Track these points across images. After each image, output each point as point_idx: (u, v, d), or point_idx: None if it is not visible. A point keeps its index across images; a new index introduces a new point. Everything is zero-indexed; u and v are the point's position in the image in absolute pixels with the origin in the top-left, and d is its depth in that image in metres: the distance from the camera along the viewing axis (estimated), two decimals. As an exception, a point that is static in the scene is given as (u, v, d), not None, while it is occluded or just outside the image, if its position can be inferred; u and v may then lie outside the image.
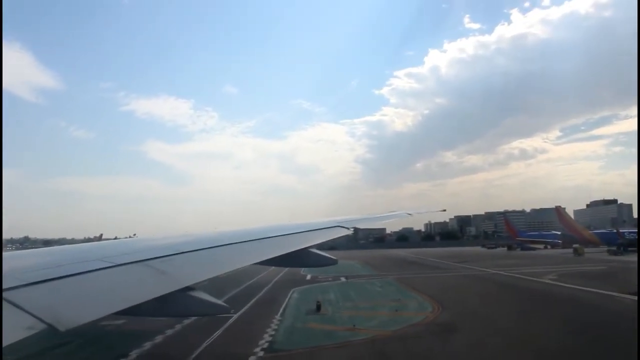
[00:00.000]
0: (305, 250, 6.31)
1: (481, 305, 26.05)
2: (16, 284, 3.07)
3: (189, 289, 4.05)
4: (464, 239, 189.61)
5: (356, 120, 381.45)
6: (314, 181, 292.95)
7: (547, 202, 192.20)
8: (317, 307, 24.65)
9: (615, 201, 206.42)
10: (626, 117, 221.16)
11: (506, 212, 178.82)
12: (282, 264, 6.20)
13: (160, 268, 4.14)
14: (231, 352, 16.53)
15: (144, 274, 4.00)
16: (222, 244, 5.48)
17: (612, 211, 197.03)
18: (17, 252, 6.90)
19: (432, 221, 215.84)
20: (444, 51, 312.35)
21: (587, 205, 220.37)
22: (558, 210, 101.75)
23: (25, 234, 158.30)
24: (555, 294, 29.93)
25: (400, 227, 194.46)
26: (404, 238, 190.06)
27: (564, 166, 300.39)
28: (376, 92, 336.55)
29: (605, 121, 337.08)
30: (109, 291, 3.63)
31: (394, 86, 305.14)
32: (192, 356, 15.47)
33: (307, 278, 41.20)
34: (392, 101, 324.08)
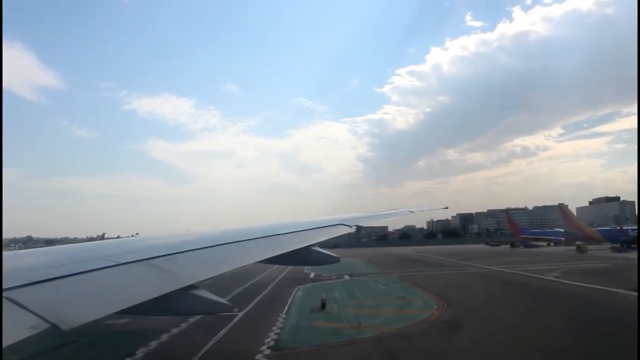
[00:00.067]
0: (308, 249, 6.31)
1: (486, 303, 25.97)
2: (19, 283, 3.07)
3: (192, 287, 4.05)
4: (466, 236, 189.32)
5: (358, 119, 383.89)
6: (315, 179, 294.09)
7: (550, 200, 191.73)
8: (322, 305, 24.62)
9: (617, 198, 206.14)
10: (628, 115, 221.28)
11: (509, 209, 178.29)
12: (285, 262, 6.21)
13: (163, 267, 4.14)
14: (237, 350, 16.53)
15: (146, 273, 4.00)
16: (225, 243, 5.48)
17: (614, 208, 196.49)
18: (19, 252, 6.90)
19: (435, 219, 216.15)
20: (446, 49, 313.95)
21: (590, 203, 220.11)
22: (561, 207, 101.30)
23: (28, 233, 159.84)
24: (559, 291, 29.81)
25: (403, 225, 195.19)
26: (406, 236, 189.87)
27: (566, 163, 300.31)
28: (378, 90, 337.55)
29: (608, 118, 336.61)
30: (111, 290, 3.63)
31: (395, 84, 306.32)
32: (198, 355, 15.48)
33: (310, 276, 41.11)
34: (394, 99, 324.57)
